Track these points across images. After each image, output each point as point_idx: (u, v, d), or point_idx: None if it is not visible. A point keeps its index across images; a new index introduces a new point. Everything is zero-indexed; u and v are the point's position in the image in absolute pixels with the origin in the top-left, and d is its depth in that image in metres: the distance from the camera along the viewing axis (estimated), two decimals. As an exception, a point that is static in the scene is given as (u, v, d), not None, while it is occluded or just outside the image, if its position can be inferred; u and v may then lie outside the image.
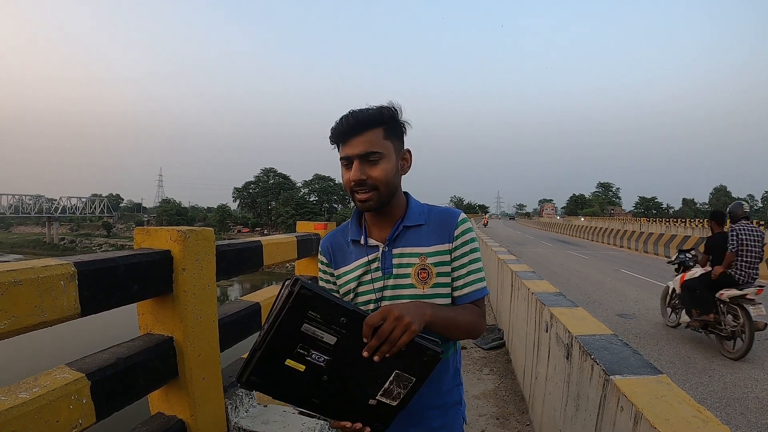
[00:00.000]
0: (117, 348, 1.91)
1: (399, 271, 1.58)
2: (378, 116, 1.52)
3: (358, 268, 1.64)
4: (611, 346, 2.56)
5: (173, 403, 2.16)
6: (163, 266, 2.00)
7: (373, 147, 1.50)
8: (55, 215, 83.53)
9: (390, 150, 1.54)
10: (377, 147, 1.51)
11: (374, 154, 1.50)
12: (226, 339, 2.43)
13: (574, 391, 2.71)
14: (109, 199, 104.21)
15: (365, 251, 1.64)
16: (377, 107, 1.53)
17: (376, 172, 1.51)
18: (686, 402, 1.81)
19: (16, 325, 1.39)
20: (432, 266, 1.57)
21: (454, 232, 1.59)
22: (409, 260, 1.58)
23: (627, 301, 10.84)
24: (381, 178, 1.52)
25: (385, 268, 1.60)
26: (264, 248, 2.90)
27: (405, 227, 1.61)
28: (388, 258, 1.60)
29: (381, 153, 1.51)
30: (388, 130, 1.54)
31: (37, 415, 1.42)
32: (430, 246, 1.59)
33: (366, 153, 1.50)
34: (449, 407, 1.67)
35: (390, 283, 1.59)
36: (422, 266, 1.57)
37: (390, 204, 1.60)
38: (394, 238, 1.61)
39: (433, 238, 1.59)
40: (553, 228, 56.53)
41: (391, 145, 1.55)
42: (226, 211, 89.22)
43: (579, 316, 3.28)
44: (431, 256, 1.58)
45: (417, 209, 1.65)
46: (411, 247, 1.59)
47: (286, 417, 2.48)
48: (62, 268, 1.55)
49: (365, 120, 1.50)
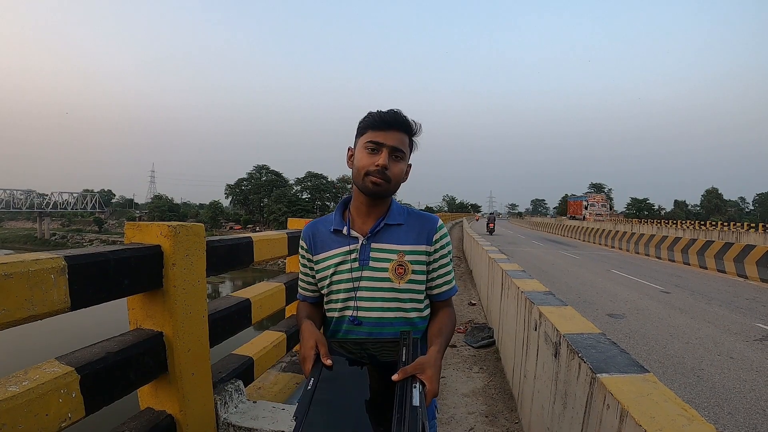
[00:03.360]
0: (107, 342, 1.91)
1: (375, 265, 1.70)
2: (411, 126, 1.73)
3: (337, 256, 1.75)
4: (599, 345, 2.57)
5: (162, 398, 2.16)
6: (153, 261, 2.01)
7: (403, 146, 1.70)
8: (47, 210, 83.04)
9: (406, 156, 1.74)
10: (405, 147, 1.71)
11: (401, 152, 1.70)
12: (216, 335, 2.44)
13: (562, 389, 2.73)
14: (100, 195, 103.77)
15: (346, 241, 1.75)
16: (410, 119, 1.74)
17: (396, 168, 1.70)
18: (672, 400, 1.82)
19: (6, 318, 1.40)
20: (409, 263, 1.70)
21: (433, 236, 1.76)
22: (388, 256, 1.71)
23: (617, 301, 10.89)
24: (396, 173, 1.71)
25: (362, 259, 1.72)
26: (255, 244, 2.90)
27: (386, 225, 1.74)
28: (366, 251, 1.72)
29: (405, 153, 1.73)
30: (410, 141, 1.76)
31: (27, 409, 1.43)
32: (407, 245, 1.72)
33: (397, 148, 1.69)
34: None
35: (366, 274, 1.71)
36: (399, 263, 1.70)
37: (384, 200, 1.75)
38: (375, 233, 1.73)
39: (411, 238, 1.74)
40: (545, 228, 56.61)
41: (408, 153, 1.75)
42: (218, 207, 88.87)
43: (567, 314, 3.29)
44: (409, 254, 1.71)
45: (398, 210, 1.79)
46: (389, 244, 1.72)
47: (276, 413, 2.49)
48: (52, 261, 1.55)
49: (405, 122, 1.71)
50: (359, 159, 1.72)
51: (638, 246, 24.61)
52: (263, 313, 3.06)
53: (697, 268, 18.40)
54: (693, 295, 11.90)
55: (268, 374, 3.44)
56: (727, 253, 16.72)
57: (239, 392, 2.58)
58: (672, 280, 14.74)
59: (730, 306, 10.52)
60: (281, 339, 3.37)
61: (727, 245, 17.17)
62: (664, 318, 9.26)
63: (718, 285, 13.94)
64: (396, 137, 1.68)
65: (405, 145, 1.71)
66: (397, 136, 1.68)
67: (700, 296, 11.80)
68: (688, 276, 16.04)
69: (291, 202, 77.28)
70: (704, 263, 18.09)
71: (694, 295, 12.01)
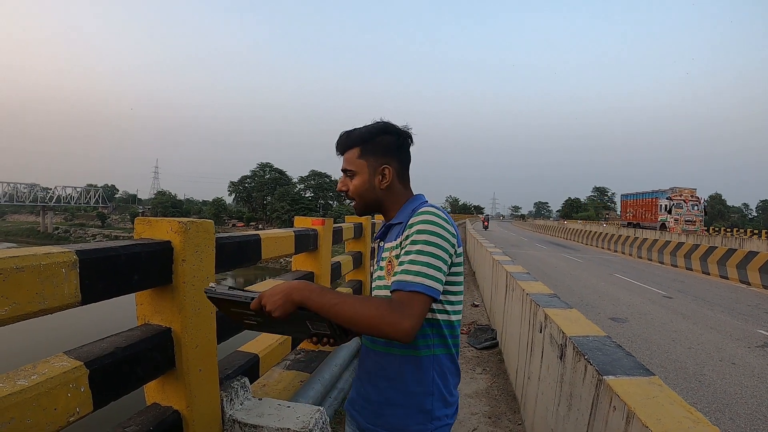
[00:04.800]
0: (115, 337, 1.92)
1: (381, 264, 1.75)
2: (356, 139, 1.74)
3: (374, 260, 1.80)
4: (604, 348, 2.57)
5: (169, 394, 2.17)
6: (163, 257, 2.01)
7: (348, 165, 1.75)
8: (50, 204, 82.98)
9: (363, 167, 1.73)
10: (351, 165, 1.74)
11: (349, 171, 1.75)
12: (223, 331, 2.44)
13: (567, 391, 2.73)
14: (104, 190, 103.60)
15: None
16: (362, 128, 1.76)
17: (351, 186, 1.75)
18: (677, 403, 1.82)
19: (16, 311, 1.40)
20: (394, 258, 1.63)
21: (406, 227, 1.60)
22: (385, 254, 1.73)
23: (620, 305, 10.87)
24: (353, 190, 1.75)
25: (377, 261, 1.82)
26: (263, 242, 2.91)
27: (389, 225, 1.77)
28: (380, 252, 1.79)
29: (354, 171, 1.74)
30: (363, 150, 1.73)
31: (36, 403, 1.43)
32: (395, 240, 1.67)
33: (345, 169, 1.76)
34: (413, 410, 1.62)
35: (376, 274, 1.78)
36: (389, 259, 1.67)
37: (386, 208, 1.79)
38: (383, 235, 1.80)
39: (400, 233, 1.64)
40: (548, 231, 56.55)
41: (365, 163, 1.73)
42: (221, 204, 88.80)
43: (573, 317, 3.29)
44: (395, 249, 1.65)
45: (406, 210, 1.73)
46: (388, 242, 1.74)
47: (281, 410, 2.49)
48: (64, 255, 1.56)
49: (344, 141, 1.76)
50: None
51: (641, 250, 24.56)
52: (269, 310, 3.02)
53: (699, 273, 18.36)
54: (695, 301, 11.88)
55: (273, 371, 3.45)
56: (730, 259, 16.69)
57: (245, 389, 2.58)
58: (674, 285, 14.72)
59: (733, 312, 10.49)
60: (286, 337, 3.36)
61: (730, 251, 17.13)
62: (667, 323, 9.25)
63: (720, 291, 13.92)
64: (344, 160, 1.76)
65: (351, 162, 1.73)
66: (345, 158, 1.76)
67: (703, 302, 11.78)
68: (690, 281, 16.02)
69: (294, 200, 77.25)
70: (707, 269, 18.05)
71: (697, 300, 11.99)
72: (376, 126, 1.75)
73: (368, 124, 1.76)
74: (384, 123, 1.76)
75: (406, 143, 1.78)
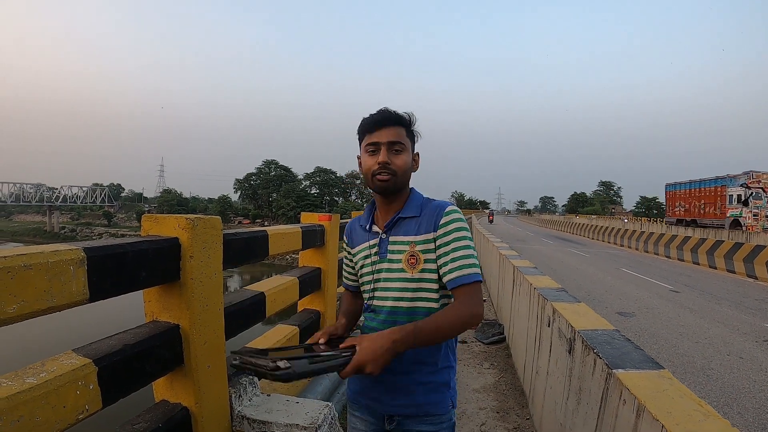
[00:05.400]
0: (124, 335, 1.92)
1: (392, 257, 1.81)
2: (404, 118, 1.82)
3: (362, 251, 1.92)
4: (613, 341, 2.57)
5: (178, 391, 2.17)
6: (171, 253, 2.00)
7: (399, 138, 1.78)
8: (56, 204, 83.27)
9: (409, 146, 1.82)
10: (402, 139, 1.79)
11: (399, 144, 1.78)
12: (231, 327, 2.44)
13: (576, 385, 2.72)
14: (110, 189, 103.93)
15: (369, 235, 1.90)
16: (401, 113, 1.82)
17: (399, 161, 1.78)
18: (688, 396, 1.83)
19: (25, 309, 1.40)
20: (420, 253, 1.75)
21: (439, 221, 1.75)
22: (401, 247, 1.79)
23: (627, 300, 10.86)
24: (400, 165, 1.78)
25: (381, 252, 1.84)
26: (270, 238, 2.90)
27: (400, 218, 1.82)
28: (385, 244, 1.83)
29: (404, 145, 1.80)
30: (408, 132, 1.83)
31: (44, 401, 1.43)
32: (419, 235, 1.77)
33: (393, 141, 1.77)
34: (437, 386, 1.81)
35: (384, 266, 1.83)
36: (412, 253, 1.76)
37: (399, 193, 1.84)
38: (391, 227, 1.84)
39: (422, 228, 1.78)
40: (554, 225, 56.47)
41: (410, 144, 1.83)
42: (227, 202, 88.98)
43: (581, 311, 3.29)
44: (420, 244, 1.76)
45: (415, 202, 1.85)
46: (403, 236, 1.80)
47: (290, 406, 2.49)
48: (72, 253, 1.55)
49: (395, 117, 1.80)
50: (364, 162, 1.84)
51: (648, 245, 24.50)
52: (277, 306, 3.06)
53: (706, 267, 18.30)
54: (702, 295, 11.84)
55: (281, 368, 3.45)
56: (737, 253, 16.62)
57: (253, 385, 2.58)
58: (681, 280, 14.68)
59: (740, 306, 10.46)
60: (294, 333, 3.38)
61: (737, 245, 17.05)
62: (674, 317, 9.23)
63: (727, 285, 13.86)
64: (390, 132, 1.78)
65: (402, 137, 1.80)
66: (391, 132, 1.78)
67: (710, 296, 11.74)
68: (697, 276, 15.96)
69: (300, 196, 77.29)
70: (714, 263, 18.00)
71: (704, 294, 11.95)
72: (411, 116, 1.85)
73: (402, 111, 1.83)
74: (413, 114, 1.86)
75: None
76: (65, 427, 1.52)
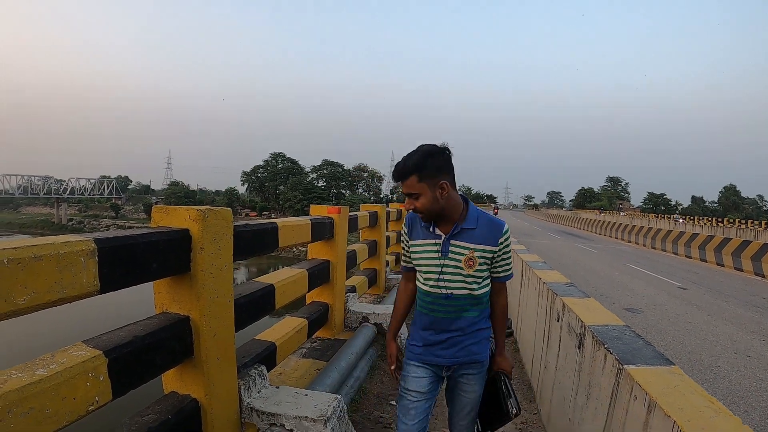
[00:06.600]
0: (134, 326, 1.92)
1: (453, 257, 2.23)
2: (412, 168, 2.13)
3: (426, 245, 2.29)
4: (624, 337, 2.56)
5: (187, 382, 2.17)
6: (181, 245, 2.00)
7: (411, 189, 2.16)
8: (64, 196, 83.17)
9: (424, 188, 2.15)
10: (414, 189, 2.16)
11: (413, 194, 2.17)
12: (241, 319, 2.44)
13: (586, 380, 2.71)
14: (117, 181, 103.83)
15: (433, 236, 2.28)
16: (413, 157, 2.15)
17: (418, 204, 2.18)
18: (698, 393, 1.83)
19: (35, 300, 1.39)
20: (477, 258, 2.22)
21: (499, 240, 2.24)
22: (461, 251, 2.23)
23: (635, 296, 10.82)
24: (420, 208, 2.18)
25: (443, 251, 2.24)
26: (279, 230, 2.89)
27: (462, 228, 2.23)
28: (447, 245, 2.24)
29: (418, 193, 2.16)
30: (421, 176, 2.13)
31: (54, 392, 1.43)
32: (478, 244, 2.22)
33: (409, 193, 2.18)
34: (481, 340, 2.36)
35: (446, 263, 2.24)
36: (470, 257, 2.22)
37: (443, 215, 2.22)
38: (453, 234, 2.23)
39: (480, 239, 2.23)
40: (562, 220, 56.32)
41: (426, 185, 2.14)
42: (234, 194, 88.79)
43: (591, 306, 3.27)
44: (477, 251, 2.22)
45: (472, 215, 2.26)
46: (464, 242, 2.23)
47: (298, 398, 2.49)
48: (82, 244, 1.55)
49: (403, 173, 2.16)
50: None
51: (655, 241, 24.40)
52: (286, 298, 3.06)
53: (713, 265, 18.20)
54: (710, 293, 11.78)
55: (289, 360, 3.45)
56: (745, 251, 16.53)
57: (262, 377, 2.58)
58: (688, 277, 14.60)
59: (748, 304, 10.41)
60: (303, 325, 3.39)
61: (744, 243, 16.96)
62: (681, 314, 9.18)
63: (734, 283, 13.80)
64: (406, 185, 2.17)
65: (413, 186, 2.15)
66: (406, 184, 2.16)
67: (717, 294, 11.68)
68: (704, 273, 15.88)
69: (307, 189, 77.03)
70: (721, 260, 17.91)
71: (711, 292, 11.89)
72: (423, 152, 2.13)
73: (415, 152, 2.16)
74: (428, 147, 2.16)
75: (449, 157, 2.19)
76: (75, 418, 1.52)
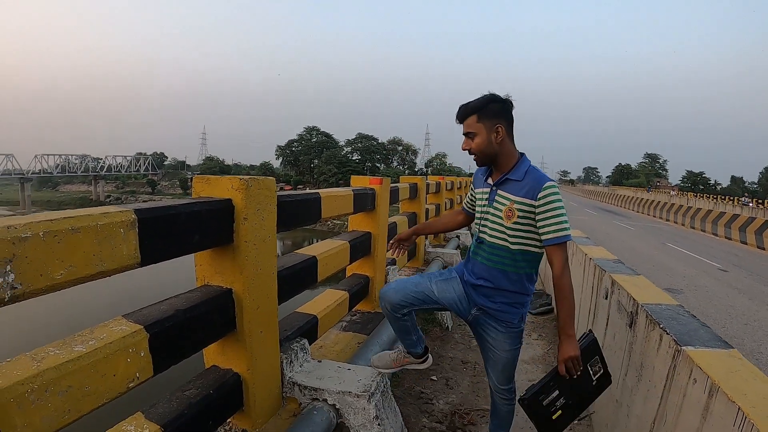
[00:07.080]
0: (175, 299, 1.88)
1: (496, 206, 2.34)
2: (472, 108, 2.29)
3: (482, 194, 2.45)
4: (679, 317, 2.47)
5: (230, 356, 2.14)
6: (224, 215, 1.95)
7: (469, 129, 2.31)
8: (101, 174, 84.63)
9: (481, 129, 2.29)
10: (471, 129, 2.31)
11: (470, 133, 2.32)
12: (283, 292, 2.39)
13: (637, 361, 2.62)
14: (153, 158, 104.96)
15: (486, 185, 2.44)
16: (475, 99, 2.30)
17: (473, 145, 2.32)
18: (761, 378, 1.74)
19: (73, 274, 1.35)
20: (516, 210, 2.26)
21: (539, 195, 2.21)
22: (503, 201, 2.31)
23: (674, 276, 10.65)
24: (475, 149, 2.33)
25: (489, 200, 2.38)
26: (322, 201, 2.84)
27: (507, 179, 2.32)
28: (493, 194, 2.37)
29: (474, 132, 2.31)
30: (480, 116, 2.28)
31: (93, 369, 1.39)
32: (518, 196, 2.26)
33: (466, 133, 2.33)
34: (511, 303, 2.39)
35: (490, 211, 2.37)
36: (510, 208, 2.28)
37: (498, 161, 2.35)
38: (500, 183, 2.35)
39: (522, 192, 2.26)
40: (598, 196, 55.79)
41: (483, 126, 2.29)
42: (268, 168, 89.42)
43: (642, 284, 3.18)
44: (517, 203, 2.26)
45: (522, 168, 2.31)
46: (507, 193, 2.31)
47: (341, 372, 2.45)
48: (122, 215, 1.50)
49: (463, 112, 2.32)
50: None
51: (694, 221, 23.88)
52: (328, 270, 3.03)
53: (754, 247, 17.66)
54: (751, 276, 11.48)
55: (329, 333, 3.42)
56: (788, 235, 16.04)
57: (304, 351, 2.55)
58: (729, 259, 14.26)
59: (791, 290, 10.09)
60: (344, 298, 3.36)
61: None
62: (723, 297, 8.99)
63: (776, 267, 13.43)
64: (465, 125, 2.32)
65: (471, 126, 2.30)
66: (466, 123, 2.32)
67: (759, 277, 11.36)
68: (745, 255, 15.48)
69: (341, 163, 77.03)
70: (762, 243, 17.33)
71: (753, 275, 11.57)
72: (485, 97, 2.28)
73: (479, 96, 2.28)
74: (491, 94, 2.29)
75: (510, 107, 2.32)
76: (115, 396, 1.48)
